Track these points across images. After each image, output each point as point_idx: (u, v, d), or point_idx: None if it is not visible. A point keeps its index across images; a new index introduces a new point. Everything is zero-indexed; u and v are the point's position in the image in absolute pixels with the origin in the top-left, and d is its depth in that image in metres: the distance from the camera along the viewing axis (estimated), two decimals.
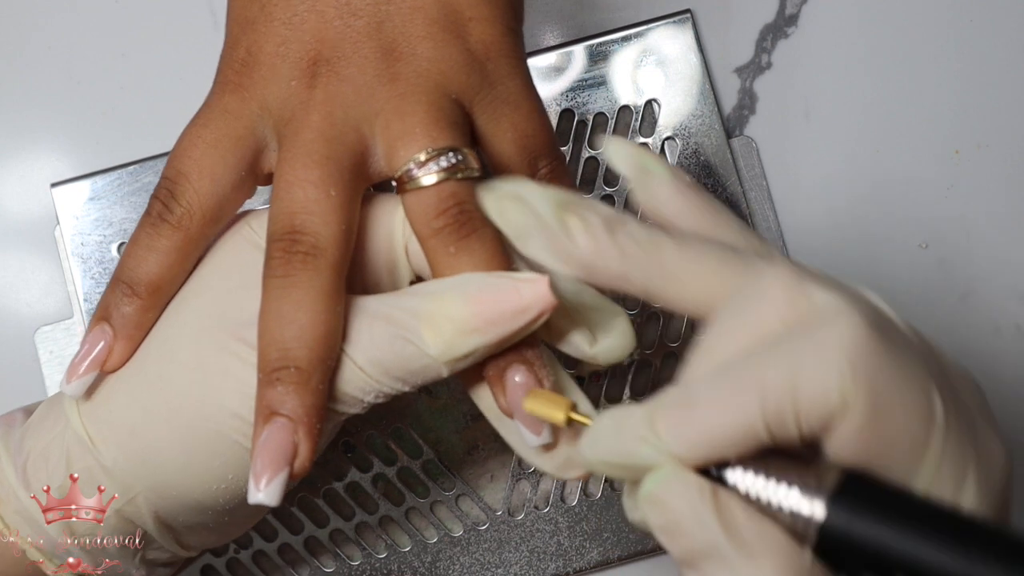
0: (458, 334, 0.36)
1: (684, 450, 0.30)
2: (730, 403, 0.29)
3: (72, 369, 0.39)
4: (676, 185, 0.34)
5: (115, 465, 0.39)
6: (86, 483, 0.39)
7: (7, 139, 0.57)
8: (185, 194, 0.39)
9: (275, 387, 0.36)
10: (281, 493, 0.35)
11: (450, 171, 0.37)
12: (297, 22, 0.39)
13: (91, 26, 0.58)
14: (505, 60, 0.40)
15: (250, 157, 0.39)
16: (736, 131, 0.58)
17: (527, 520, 0.54)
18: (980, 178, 0.58)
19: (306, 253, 0.36)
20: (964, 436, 0.30)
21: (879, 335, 0.30)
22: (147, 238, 0.39)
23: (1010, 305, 0.58)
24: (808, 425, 0.29)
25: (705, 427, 0.30)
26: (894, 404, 0.29)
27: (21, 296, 0.56)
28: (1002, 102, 0.59)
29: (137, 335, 0.39)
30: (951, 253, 0.58)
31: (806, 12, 0.59)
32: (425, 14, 0.39)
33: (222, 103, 0.39)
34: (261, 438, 0.36)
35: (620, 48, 0.56)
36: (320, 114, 0.38)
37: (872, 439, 0.29)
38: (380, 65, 0.38)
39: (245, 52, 0.39)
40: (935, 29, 0.59)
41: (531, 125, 0.40)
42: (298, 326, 0.36)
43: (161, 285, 0.39)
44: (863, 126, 0.58)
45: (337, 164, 0.37)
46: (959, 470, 0.30)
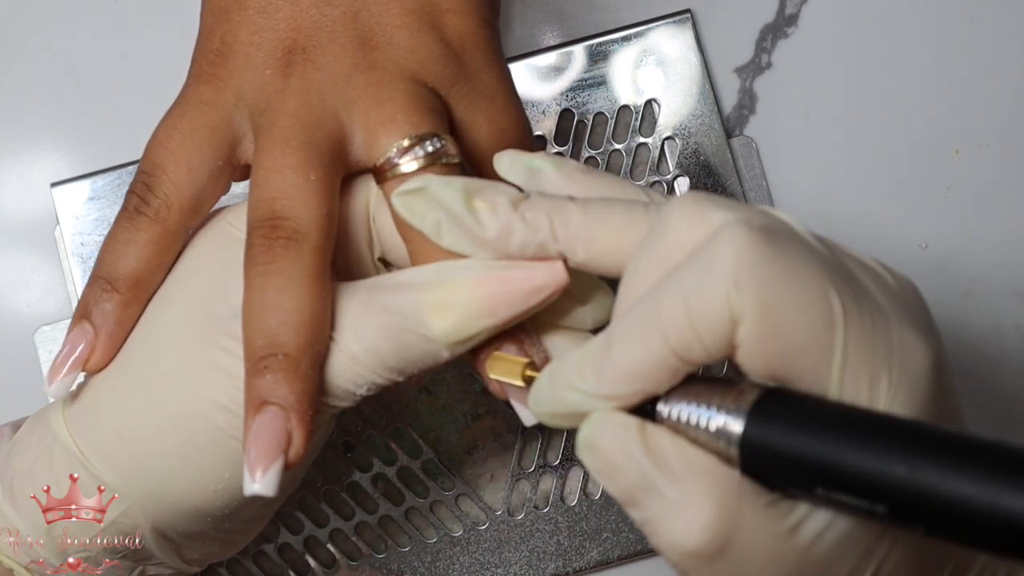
0: (466, 318, 0.35)
1: (607, 390, 0.31)
2: (638, 338, 0.30)
3: (54, 370, 0.38)
4: (563, 172, 0.35)
5: (105, 475, 0.38)
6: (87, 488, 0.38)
7: (7, 139, 0.57)
8: (162, 185, 0.38)
9: (263, 376, 0.35)
10: (277, 483, 0.34)
11: (432, 157, 0.36)
12: (272, 11, 0.39)
13: (91, 26, 0.58)
14: (481, 52, 0.39)
15: (226, 147, 0.39)
16: (736, 131, 0.58)
17: (527, 520, 0.54)
18: (980, 178, 0.58)
19: (288, 238, 0.35)
20: (871, 334, 0.30)
21: (766, 242, 0.29)
22: (124, 232, 0.38)
23: (1010, 305, 0.58)
24: (714, 345, 0.30)
25: (622, 366, 0.31)
26: (786, 307, 0.29)
27: (21, 296, 0.56)
28: (1002, 102, 0.59)
29: (119, 332, 0.38)
30: (951, 253, 0.58)
31: (806, 12, 0.59)
32: (401, 5, 0.39)
33: (197, 94, 0.39)
34: (253, 428, 0.34)
35: (620, 48, 0.56)
36: (296, 101, 0.37)
37: (774, 346, 0.29)
38: (357, 54, 0.38)
39: (219, 42, 0.39)
40: (935, 29, 0.59)
41: (506, 118, 0.40)
42: (283, 312, 0.35)
43: (141, 279, 0.38)
44: (863, 126, 0.58)
45: (316, 149, 0.37)
46: (870, 368, 0.30)
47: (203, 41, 0.40)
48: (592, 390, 0.31)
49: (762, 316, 0.29)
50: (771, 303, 0.29)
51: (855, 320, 0.30)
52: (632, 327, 0.31)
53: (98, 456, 0.38)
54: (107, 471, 0.38)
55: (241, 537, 0.42)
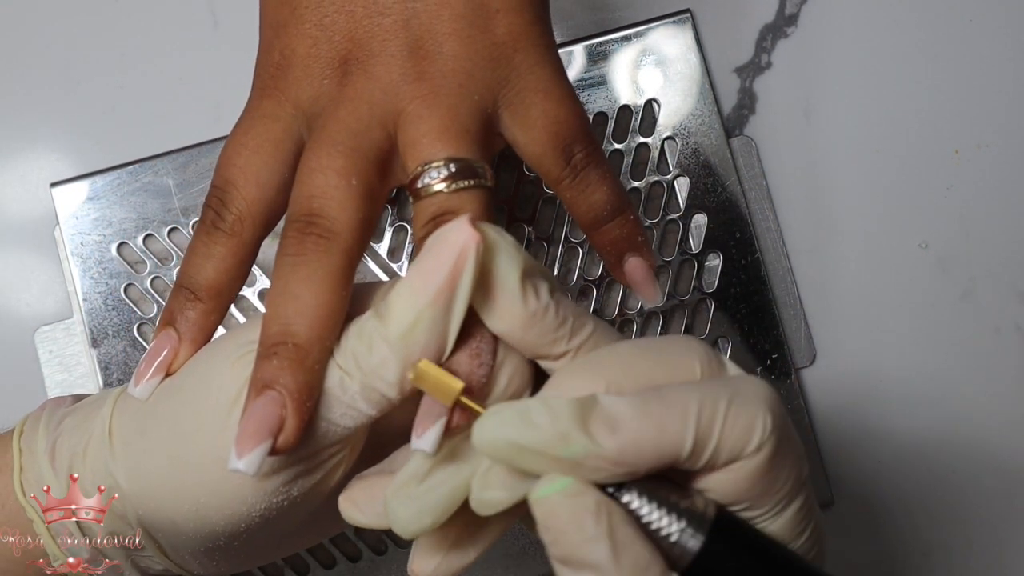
0: (403, 304, 0.35)
1: (614, 455, 0.32)
2: (662, 421, 0.32)
3: (140, 372, 0.39)
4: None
5: (115, 465, 0.38)
6: (96, 475, 0.39)
7: (7, 139, 0.57)
8: (235, 201, 0.39)
9: (271, 361, 0.35)
10: (259, 464, 0.34)
11: (448, 181, 0.37)
12: (327, 23, 0.39)
13: (91, 26, 0.58)
14: (534, 49, 0.40)
15: (291, 159, 0.40)
16: (736, 131, 0.58)
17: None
18: (980, 178, 0.58)
19: (319, 235, 0.36)
20: (812, 500, 0.35)
21: (781, 406, 0.34)
22: (203, 246, 0.40)
23: (1010, 305, 0.58)
24: (724, 453, 0.32)
25: (635, 439, 0.32)
26: (784, 462, 0.33)
27: (21, 296, 0.56)
28: (1002, 102, 0.59)
29: (201, 338, 0.40)
30: (951, 253, 0.58)
31: (806, 12, 0.59)
32: (452, 10, 0.39)
33: (260, 108, 0.40)
34: (249, 408, 0.35)
35: (620, 48, 0.56)
36: (347, 109, 0.38)
37: (763, 482, 0.33)
38: (406, 64, 0.39)
39: (279, 55, 0.40)
40: (935, 29, 0.59)
41: (563, 110, 0.40)
42: (302, 302, 0.36)
43: (221, 289, 0.40)
44: (863, 126, 0.58)
45: (362, 156, 0.38)
46: (806, 525, 0.35)
47: (264, 56, 0.41)
48: (597, 449, 0.32)
49: (772, 456, 0.33)
50: (779, 452, 0.33)
51: (811, 491, 0.36)
52: (658, 409, 0.32)
53: (118, 444, 0.39)
54: (117, 461, 0.38)
55: (243, 562, 0.42)
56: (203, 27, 0.58)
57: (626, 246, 0.42)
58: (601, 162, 0.41)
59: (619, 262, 0.43)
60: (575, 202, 0.41)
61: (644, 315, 0.55)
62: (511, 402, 0.33)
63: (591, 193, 0.41)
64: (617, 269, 0.43)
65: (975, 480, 0.57)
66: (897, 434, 0.57)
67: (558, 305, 0.35)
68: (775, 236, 0.57)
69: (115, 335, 0.54)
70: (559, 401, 0.32)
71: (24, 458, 0.40)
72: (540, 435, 0.32)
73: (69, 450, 0.39)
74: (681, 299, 0.56)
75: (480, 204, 0.37)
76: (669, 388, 0.33)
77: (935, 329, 0.58)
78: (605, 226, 0.42)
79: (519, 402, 0.33)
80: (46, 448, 0.40)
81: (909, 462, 0.57)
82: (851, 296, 0.58)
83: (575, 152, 0.40)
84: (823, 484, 0.56)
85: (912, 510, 0.57)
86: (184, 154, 0.55)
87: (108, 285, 0.54)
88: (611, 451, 0.32)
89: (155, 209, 0.54)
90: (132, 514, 0.39)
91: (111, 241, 0.54)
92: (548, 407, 0.32)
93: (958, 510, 0.57)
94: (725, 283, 0.56)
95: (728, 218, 0.56)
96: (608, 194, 0.41)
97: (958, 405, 0.58)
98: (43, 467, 0.40)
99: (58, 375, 0.55)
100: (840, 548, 0.57)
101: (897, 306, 0.58)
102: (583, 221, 0.42)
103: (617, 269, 0.43)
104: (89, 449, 0.39)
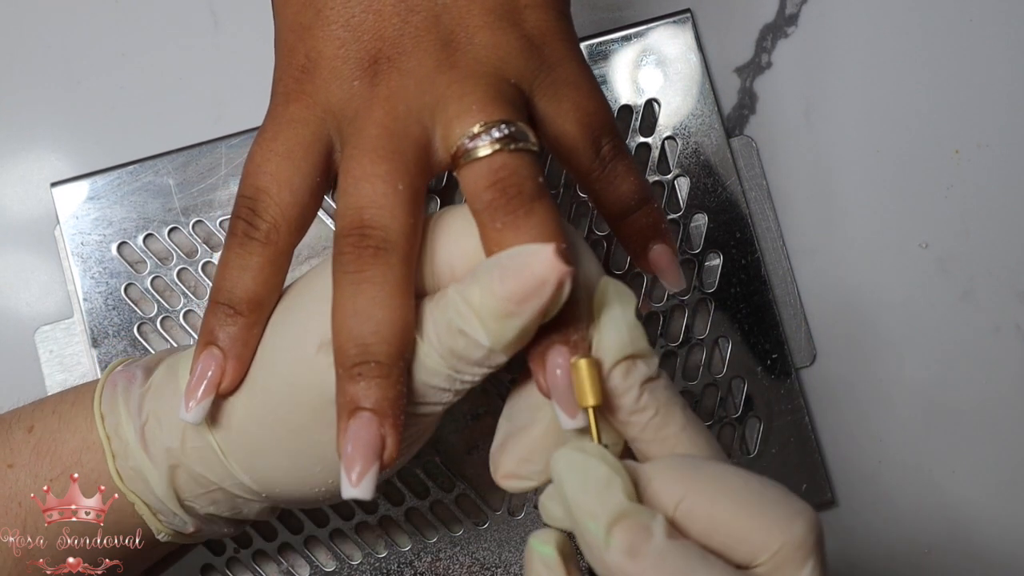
0: (499, 319, 0.35)
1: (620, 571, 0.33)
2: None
3: (189, 394, 0.39)
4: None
5: (225, 448, 0.40)
6: (198, 460, 0.40)
7: (7, 139, 0.57)
8: (268, 209, 0.39)
9: (357, 382, 0.36)
10: (374, 486, 0.36)
11: (503, 141, 0.37)
12: (355, 23, 0.39)
13: (91, 26, 0.58)
14: (561, 43, 0.40)
15: (322, 162, 0.39)
16: (736, 131, 0.58)
17: (527, 520, 0.54)
18: (980, 178, 0.58)
19: (376, 248, 0.36)
20: None
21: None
22: (238, 257, 0.39)
23: (1010, 305, 0.58)
24: (765, 560, 0.33)
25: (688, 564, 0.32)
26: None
27: (21, 296, 0.56)
28: (1002, 102, 0.59)
29: (246, 354, 0.39)
30: (951, 253, 0.58)
31: (806, 12, 0.59)
32: (482, 4, 0.39)
33: (287, 113, 0.40)
34: (348, 433, 0.36)
35: (620, 48, 0.56)
36: (383, 110, 0.38)
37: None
38: (439, 55, 0.38)
39: (304, 58, 0.40)
40: (935, 29, 0.59)
41: (592, 103, 0.40)
42: (375, 322, 0.36)
43: (260, 301, 0.39)
44: (863, 126, 0.58)
45: (403, 158, 0.37)
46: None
47: (286, 59, 0.40)
48: (610, 558, 0.32)
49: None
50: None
51: None
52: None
53: (220, 432, 0.40)
54: (226, 447, 0.40)
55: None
56: (203, 27, 0.58)
57: (651, 234, 0.43)
58: (627, 154, 0.41)
59: (644, 251, 0.43)
60: (603, 192, 0.41)
61: (643, 317, 0.55)
62: (602, 453, 0.34)
63: (619, 184, 0.41)
64: (642, 258, 0.43)
65: (975, 480, 0.57)
66: (897, 434, 0.57)
67: (642, 392, 0.36)
68: (775, 236, 0.57)
69: (115, 335, 0.54)
70: (619, 499, 0.33)
71: (114, 444, 0.41)
72: (583, 502, 0.33)
73: (162, 444, 0.40)
74: (681, 299, 0.56)
75: (536, 167, 0.37)
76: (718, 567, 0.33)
77: (935, 329, 0.58)
78: (632, 216, 0.42)
79: (602, 464, 0.34)
80: (136, 438, 0.41)
81: (909, 462, 0.58)
82: (851, 296, 0.58)
83: (603, 144, 0.40)
84: (824, 484, 0.56)
85: (912, 510, 0.57)
86: (184, 154, 0.55)
87: (108, 285, 0.54)
88: (618, 565, 0.32)
89: (155, 209, 0.54)
90: (247, 491, 0.41)
91: (111, 241, 0.54)
92: (610, 492, 0.33)
93: (958, 510, 0.57)
94: (725, 283, 0.56)
95: (728, 218, 0.56)
96: (634, 184, 0.41)
97: (958, 405, 0.58)
98: (138, 458, 0.41)
99: (58, 375, 0.55)
100: (840, 548, 0.57)
101: (897, 306, 0.58)
102: (611, 211, 0.42)
103: (642, 258, 0.43)
104: (187, 447, 0.40)
